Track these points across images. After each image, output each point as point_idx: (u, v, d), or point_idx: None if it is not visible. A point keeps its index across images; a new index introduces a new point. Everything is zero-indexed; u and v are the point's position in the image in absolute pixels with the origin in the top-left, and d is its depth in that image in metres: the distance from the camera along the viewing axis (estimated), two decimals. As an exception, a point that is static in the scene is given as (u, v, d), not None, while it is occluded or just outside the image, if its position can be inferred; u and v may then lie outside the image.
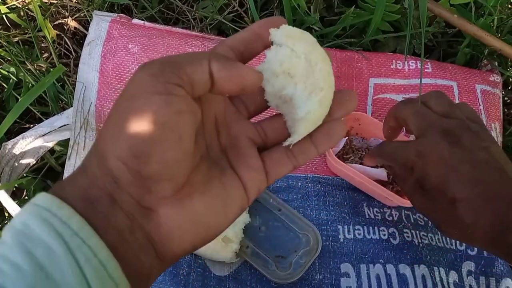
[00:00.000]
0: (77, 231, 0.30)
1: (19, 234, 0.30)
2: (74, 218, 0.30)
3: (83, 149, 0.75)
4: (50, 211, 0.30)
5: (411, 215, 0.80)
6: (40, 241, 0.29)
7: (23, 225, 0.30)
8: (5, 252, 0.29)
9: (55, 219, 0.30)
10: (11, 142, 0.73)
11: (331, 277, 0.71)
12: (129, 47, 0.77)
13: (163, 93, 0.31)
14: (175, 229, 0.34)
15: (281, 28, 0.37)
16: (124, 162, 0.32)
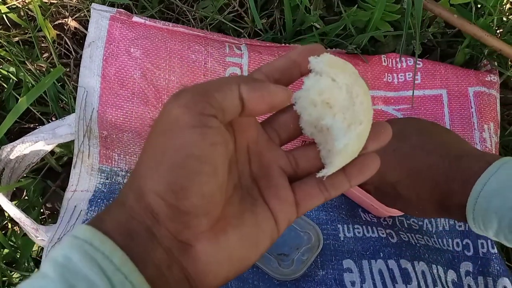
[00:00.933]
0: (119, 267, 0.30)
1: (62, 268, 0.30)
2: (116, 253, 0.31)
3: (88, 158, 0.75)
4: (92, 245, 0.31)
5: (405, 220, 0.80)
6: (83, 276, 0.29)
7: (65, 259, 0.30)
8: (48, 287, 0.29)
9: (98, 253, 0.30)
10: (10, 146, 0.72)
11: (334, 272, 0.72)
12: (131, 51, 0.76)
13: (197, 126, 0.31)
14: (211, 264, 0.34)
15: (322, 57, 0.37)
16: (162, 198, 0.32)
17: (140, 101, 0.76)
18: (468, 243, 0.80)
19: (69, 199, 0.74)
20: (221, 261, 0.34)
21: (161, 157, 0.32)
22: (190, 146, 0.31)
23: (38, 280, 0.30)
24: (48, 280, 0.29)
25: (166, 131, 0.32)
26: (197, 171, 0.31)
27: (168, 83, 0.76)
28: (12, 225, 0.82)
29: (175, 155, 0.31)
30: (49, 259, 0.31)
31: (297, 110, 0.39)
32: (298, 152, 0.41)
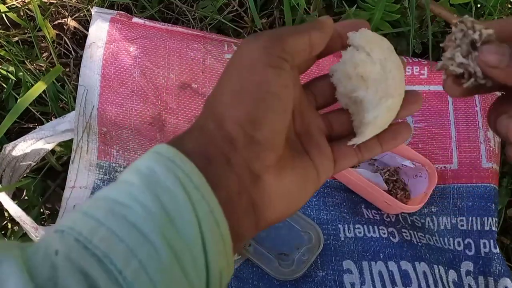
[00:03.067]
0: (197, 186, 0.32)
1: (146, 177, 0.32)
2: (195, 173, 0.32)
3: (86, 153, 0.75)
4: (174, 162, 0.32)
5: (408, 217, 0.80)
6: (166, 188, 0.31)
7: (149, 170, 0.32)
8: (134, 193, 0.31)
9: (179, 170, 0.32)
10: (12, 144, 0.73)
11: (334, 273, 0.72)
12: (130, 50, 0.76)
13: (274, 66, 0.35)
14: (274, 196, 0.37)
15: (360, 32, 0.39)
16: (241, 126, 0.34)
17: (139, 98, 0.76)
18: (470, 243, 0.80)
19: (67, 198, 0.74)
20: (281, 195, 0.37)
21: (241, 89, 0.35)
22: (268, 83, 0.34)
23: (124, 186, 0.32)
24: (134, 187, 0.31)
25: (246, 67, 0.35)
26: (273, 107, 0.35)
27: (167, 80, 0.77)
28: (12, 225, 0.82)
29: (256, 89, 0.34)
30: (132, 169, 0.33)
31: (334, 82, 0.41)
32: (333, 116, 0.43)
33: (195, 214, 0.31)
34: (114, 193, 0.32)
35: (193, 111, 0.77)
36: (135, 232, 0.30)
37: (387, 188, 0.80)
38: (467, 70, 0.35)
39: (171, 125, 0.77)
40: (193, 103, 0.77)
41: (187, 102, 0.77)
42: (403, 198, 0.80)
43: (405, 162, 0.79)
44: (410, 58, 0.85)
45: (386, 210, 0.79)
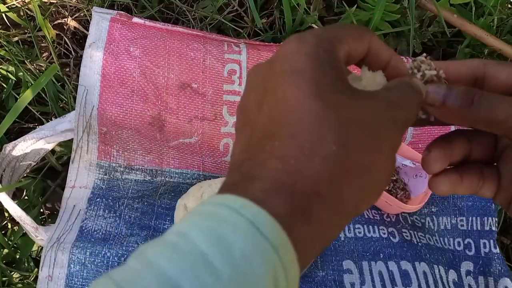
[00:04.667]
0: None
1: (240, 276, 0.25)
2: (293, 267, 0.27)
3: (86, 153, 0.75)
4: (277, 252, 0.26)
5: (408, 217, 0.80)
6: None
7: (245, 261, 0.25)
8: None
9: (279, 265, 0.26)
10: (12, 144, 0.73)
11: (334, 273, 0.72)
12: (130, 50, 0.76)
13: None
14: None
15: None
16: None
17: (139, 98, 0.76)
18: (470, 243, 0.80)
19: (68, 198, 0.74)
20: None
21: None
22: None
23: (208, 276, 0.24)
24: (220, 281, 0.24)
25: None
26: None
27: (167, 80, 0.77)
28: (12, 225, 0.82)
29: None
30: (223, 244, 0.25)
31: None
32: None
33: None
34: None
35: (193, 110, 0.77)
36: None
37: (387, 187, 0.80)
38: None
39: (171, 125, 0.77)
40: (193, 103, 0.78)
41: (187, 102, 0.77)
42: (403, 198, 0.80)
43: (405, 161, 0.79)
44: (410, 58, 0.85)
45: (386, 210, 0.79)
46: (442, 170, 0.36)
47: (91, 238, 0.69)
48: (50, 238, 0.68)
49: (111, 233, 0.71)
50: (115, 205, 0.73)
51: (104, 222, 0.71)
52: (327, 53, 0.30)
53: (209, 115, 0.78)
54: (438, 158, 0.36)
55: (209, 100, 0.78)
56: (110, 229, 0.71)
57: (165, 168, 0.78)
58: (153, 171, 0.78)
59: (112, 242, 0.69)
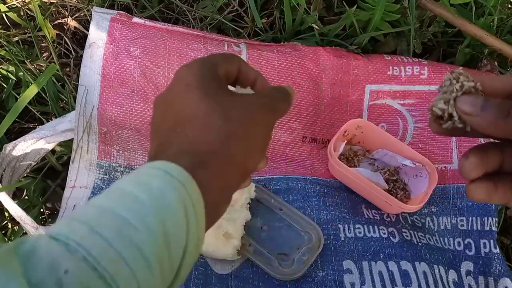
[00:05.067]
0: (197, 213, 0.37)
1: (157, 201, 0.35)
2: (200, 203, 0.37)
3: (87, 153, 0.75)
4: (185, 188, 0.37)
5: (408, 217, 0.80)
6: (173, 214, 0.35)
7: (160, 193, 0.36)
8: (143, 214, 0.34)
9: (188, 199, 0.36)
10: (12, 144, 0.73)
11: (334, 273, 0.72)
12: (130, 50, 0.76)
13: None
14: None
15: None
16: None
17: (139, 98, 0.76)
18: (470, 243, 0.80)
19: (68, 198, 0.74)
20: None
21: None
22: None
23: (133, 203, 0.35)
24: (144, 207, 0.35)
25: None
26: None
27: (167, 80, 0.77)
28: (12, 225, 0.82)
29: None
30: (142, 185, 0.36)
31: None
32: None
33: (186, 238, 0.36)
34: (123, 210, 0.34)
35: (193, 111, 0.77)
36: (139, 256, 0.33)
37: (387, 187, 0.80)
38: (446, 114, 0.38)
39: (171, 125, 0.77)
40: (193, 103, 0.77)
41: (187, 102, 0.77)
42: (403, 198, 0.80)
43: (405, 161, 0.79)
44: (410, 58, 0.85)
45: (386, 210, 0.79)
46: (478, 177, 0.38)
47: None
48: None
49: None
50: (115, 205, 0.73)
51: (104, 222, 0.71)
52: (209, 71, 0.43)
53: (209, 115, 0.78)
54: (476, 165, 0.38)
55: (209, 100, 0.78)
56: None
57: (165, 168, 0.78)
58: (153, 171, 0.78)
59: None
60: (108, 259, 0.31)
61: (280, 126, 0.80)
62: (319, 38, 0.85)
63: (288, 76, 0.80)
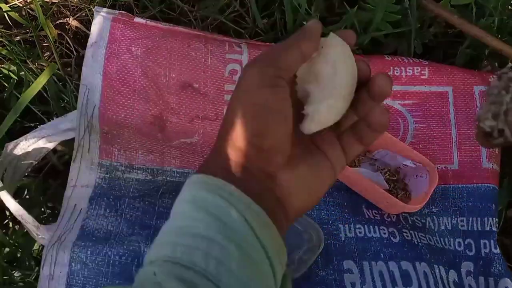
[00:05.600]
0: (231, 192, 0.40)
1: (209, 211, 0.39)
2: (227, 185, 0.40)
3: (88, 152, 0.75)
4: (222, 189, 0.40)
5: (409, 217, 0.80)
6: (218, 207, 0.39)
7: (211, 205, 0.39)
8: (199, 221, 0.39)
9: (226, 193, 0.40)
10: (13, 143, 0.73)
11: (334, 273, 0.72)
12: (132, 49, 0.76)
13: (271, 86, 0.41)
14: (293, 189, 0.44)
15: (329, 37, 0.43)
16: (249, 141, 0.42)
17: (141, 98, 0.76)
18: (470, 243, 0.80)
19: (69, 197, 0.74)
20: (299, 186, 0.44)
21: (245, 111, 0.42)
22: (266, 102, 0.41)
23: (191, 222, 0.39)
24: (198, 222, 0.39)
25: (245, 91, 0.42)
26: (273, 120, 0.41)
27: (168, 80, 0.77)
28: (14, 224, 0.82)
29: (256, 110, 0.41)
30: (196, 204, 0.40)
31: (297, 77, 0.44)
32: None
33: (238, 211, 0.39)
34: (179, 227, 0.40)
35: (194, 110, 0.78)
36: (206, 241, 0.38)
37: (388, 187, 0.80)
38: (496, 130, 0.36)
39: (172, 125, 0.77)
40: (194, 102, 0.78)
41: (189, 102, 0.78)
42: (404, 198, 0.80)
43: (406, 161, 0.79)
44: (411, 59, 0.85)
45: (387, 210, 0.79)
46: None
47: (92, 237, 0.69)
48: (51, 237, 0.69)
49: (112, 232, 0.71)
50: (117, 204, 0.74)
51: (105, 221, 0.72)
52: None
53: (211, 115, 0.78)
54: None
55: (210, 100, 0.78)
56: (111, 228, 0.71)
57: (167, 168, 0.78)
58: (154, 170, 0.78)
59: (113, 241, 0.69)
60: (181, 251, 0.38)
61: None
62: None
63: (289, 76, 0.80)
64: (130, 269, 0.67)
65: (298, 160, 0.44)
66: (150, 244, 0.68)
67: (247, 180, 0.42)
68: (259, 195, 0.41)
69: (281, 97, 0.42)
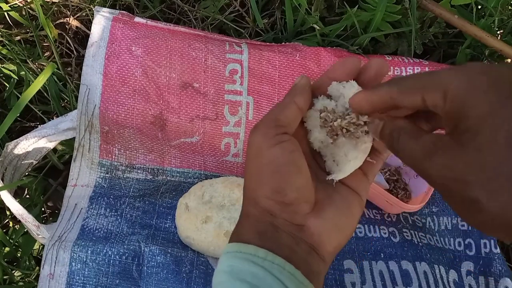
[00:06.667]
0: (264, 257, 0.42)
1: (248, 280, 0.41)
2: (259, 250, 0.42)
3: (88, 152, 0.75)
4: (240, 252, 0.43)
5: (409, 217, 0.80)
6: (256, 276, 0.41)
7: (250, 275, 0.41)
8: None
9: (249, 255, 0.42)
10: (14, 143, 0.73)
11: (335, 273, 0.72)
12: (132, 49, 0.77)
13: (277, 143, 0.43)
14: (322, 234, 0.44)
15: (345, 84, 0.45)
16: (271, 198, 0.43)
17: (141, 98, 0.76)
18: (471, 243, 0.80)
19: (69, 197, 0.74)
20: (329, 229, 0.45)
21: (260, 172, 0.44)
22: (276, 159, 0.43)
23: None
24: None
25: (255, 153, 0.44)
26: (289, 173, 0.43)
27: (168, 80, 0.77)
28: (14, 223, 0.82)
29: (269, 168, 0.43)
30: (234, 276, 0.42)
31: (308, 127, 0.47)
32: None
33: (273, 275, 0.41)
34: None
35: (195, 110, 0.78)
36: None
37: (388, 187, 0.80)
38: None
39: (172, 124, 0.77)
40: (195, 102, 0.78)
41: (189, 102, 0.78)
42: (404, 198, 0.80)
43: (406, 162, 0.79)
44: (411, 59, 0.85)
45: (387, 210, 0.79)
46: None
47: (93, 236, 0.70)
48: (51, 237, 0.69)
49: (112, 231, 0.71)
50: (117, 204, 0.74)
51: (106, 221, 0.72)
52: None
53: (211, 115, 0.78)
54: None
55: (210, 100, 0.78)
56: (111, 228, 0.71)
57: (167, 167, 0.78)
58: (154, 170, 0.78)
59: (114, 240, 0.69)
60: None
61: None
62: (320, 39, 0.85)
63: (289, 76, 0.80)
64: (130, 268, 0.67)
65: (324, 204, 0.45)
66: (150, 243, 0.68)
67: (278, 237, 0.44)
68: (292, 251, 0.43)
69: (290, 150, 0.43)
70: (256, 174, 0.44)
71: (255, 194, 0.45)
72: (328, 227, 0.45)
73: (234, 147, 0.79)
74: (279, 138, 0.43)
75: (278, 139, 0.43)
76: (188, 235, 0.71)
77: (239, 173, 0.81)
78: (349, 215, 0.46)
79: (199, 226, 0.70)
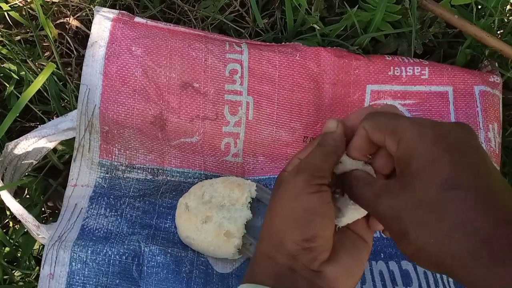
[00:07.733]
0: None
1: None
2: None
3: (88, 151, 0.75)
4: None
5: None
6: None
7: None
8: None
9: None
10: (14, 143, 0.73)
11: None
12: (132, 49, 0.77)
13: (317, 192, 0.46)
14: (337, 279, 0.47)
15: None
16: (299, 244, 0.46)
17: (141, 98, 0.76)
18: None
19: (69, 197, 0.74)
20: (342, 274, 0.48)
21: (293, 217, 0.46)
22: (314, 207, 0.46)
23: None
24: None
25: (294, 198, 0.46)
26: (321, 224, 0.46)
27: (169, 80, 0.77)
28: (14, 223, 0.82)
29: (305, 214, 0.46)
30: None
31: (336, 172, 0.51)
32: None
33: None
34: None
35: (195, 110, 0.78)
36: None
37: None
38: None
39: (172, 124, 0.77)
40: (195, 102, 0.78)
41: (189, 102, 0.78)
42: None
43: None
44: (411, 59, 0.85)
45: None
46: None
47: (93, 236, 0.70)
48: (51, 237, 0.69)
49: (112, 231, 0.71)
50: (117, 204, 0.74)
51: (106, 221, 0.72)
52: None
53: (211, 115, 0.78)
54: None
55: (210, 100, 0.78)
56: (111, 228, 0.71)
57: (167, 167, 0.78)
58: (154, 170, 0.78)
59: (114, 240, 0.69)
60: None
61: (281, 126, 0.80)
62: (320, 39, 0.85)
63: (289, 76, 0.80)
64: (130, 268, 0.67)
65: (338, 250, 0.49)
66: (150, 243, 0.68)
67: (295, 281, 0.46)
68: None
69: (327, 201, 0.46)
70: (288, 217, 0.47)
71: (282, 235, 0.47)
72: (342, 273, 0.48)
73: (234, 147, 0.79)
74: (320, 187, 0.46)
75: (319, 188, 0.46)
76: (188, 235, 0.71)
77: (239, 173, 0.81)
78: (359, 260, 0.49)
79: (199, 226, 0.70)
